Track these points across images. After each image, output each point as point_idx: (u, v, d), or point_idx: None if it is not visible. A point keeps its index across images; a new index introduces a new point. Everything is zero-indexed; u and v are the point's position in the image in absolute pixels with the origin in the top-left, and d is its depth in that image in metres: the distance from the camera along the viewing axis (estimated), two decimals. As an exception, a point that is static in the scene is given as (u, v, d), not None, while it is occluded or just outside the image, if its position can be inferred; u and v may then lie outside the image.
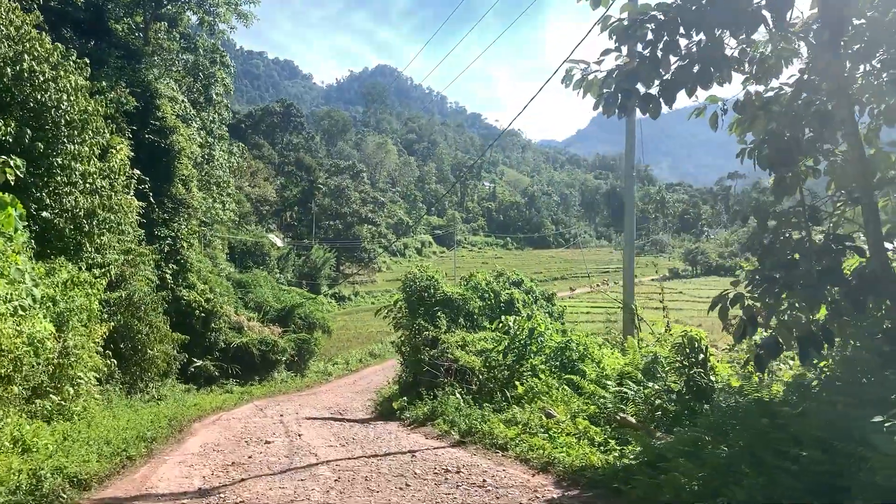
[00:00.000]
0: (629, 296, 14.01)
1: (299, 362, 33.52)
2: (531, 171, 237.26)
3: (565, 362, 12.14)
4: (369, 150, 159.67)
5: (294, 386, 31.03)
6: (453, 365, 15.26)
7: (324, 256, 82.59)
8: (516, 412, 10.58)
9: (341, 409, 21.33)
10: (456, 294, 18.10)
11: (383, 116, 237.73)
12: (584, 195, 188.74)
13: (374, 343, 50.11)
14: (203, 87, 36.88)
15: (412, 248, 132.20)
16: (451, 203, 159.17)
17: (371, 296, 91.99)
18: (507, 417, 10.89)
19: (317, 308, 36.76)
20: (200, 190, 36.87)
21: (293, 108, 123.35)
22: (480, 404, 13.17)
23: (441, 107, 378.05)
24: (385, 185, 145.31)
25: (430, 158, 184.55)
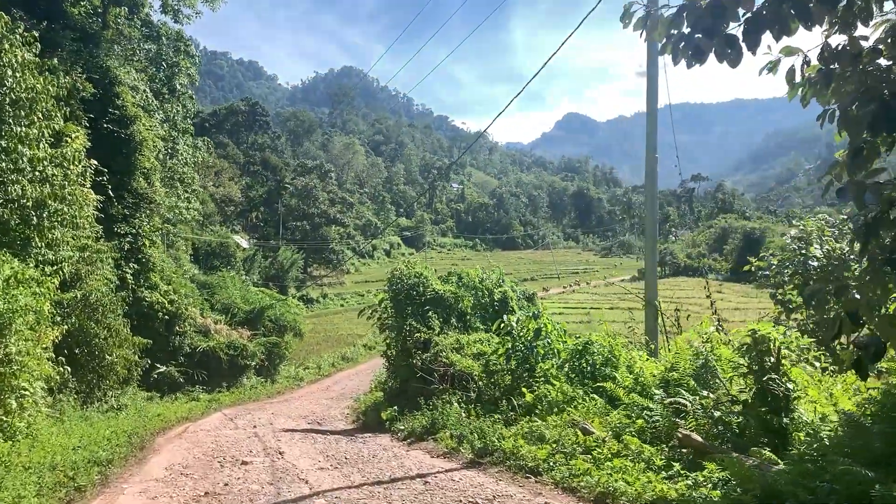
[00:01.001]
0: (652, 292, 12.69)
1: (269, 367, 31.73)
2: (498, 173, 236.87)
3: (585, 367, 10.71)
4: (336, 150, 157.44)
5: (265, 392, 29.29)
6: (449, 370, 13.78)
7: (291, 258, 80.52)
8: (538, 426, 9.11)
9: (319, 419, 19.74)
10: (447, 292, 16.62)
11: (350, 118, 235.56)
12: (551, 197, 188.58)
13: (345, 346, 48.50)
14: (166, 77, 34.89)
15: (381, 249, 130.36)
16: (420, 204, 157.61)
17: (340, 298, 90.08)
18: (524, 431, 9.46)
19: (287, 310, 34.97)
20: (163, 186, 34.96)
21: (259, 107, 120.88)
22: (484, 415, 11.73)
23: (407, 109, 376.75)
24: (353, 186, 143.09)
25: (398, 159, 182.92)
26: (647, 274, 13.28)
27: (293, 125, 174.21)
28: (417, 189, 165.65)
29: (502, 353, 13.33)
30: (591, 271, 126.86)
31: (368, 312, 17.74)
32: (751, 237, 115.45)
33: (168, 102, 35.38)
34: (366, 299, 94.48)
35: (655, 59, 13.29)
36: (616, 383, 9.39)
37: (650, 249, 13.35)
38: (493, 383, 13.18)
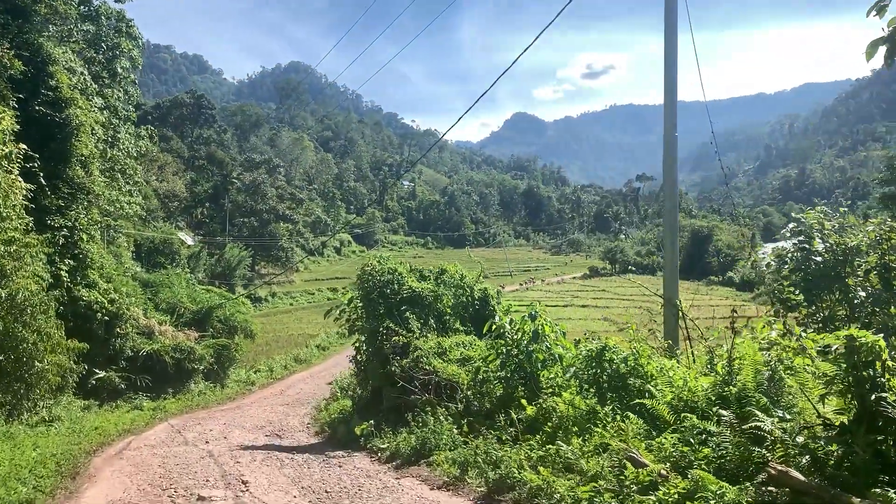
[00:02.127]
0: (672, 290, 11.36)
1: (219, 371, 29.62)
2: (449, 171, 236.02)
3: (603, 377, 9.18)
4: (284, 146, 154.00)
5: (214, 398, 27.22)
6: (432, 378, 12.21)
7: (238, 255, 77.77)
8: (564, 452, 7.56)
9: (277, 429, 17.96)
10: (426, 290, 15.02)
11: (298, 113, 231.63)
12: (502, 195, 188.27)
13: (297, 347, 46.54)
14: (106, 60, 32.40)
15: (331, 247, 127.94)
16: (371, 201, 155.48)
17: (289, 297, 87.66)
18: (540, 456, 7.97)
19: (238, 309, 32.83)
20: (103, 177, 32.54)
21: (204, 99, 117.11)
22: (479, 431, 10.21)
23: (356, 105, 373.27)
24: (302, 182, 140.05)
25: (349, 156, 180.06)
26: (666, 269, 11.94)
27: (240, 120, 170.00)
28: (368, 186, 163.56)
29: (493, 359, 11.83)
30: (542, 269, 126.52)
31: (336, 313, 16.04)
32: (699, 235, 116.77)
33: (108, 87, 32.91)
34: (316, 298, 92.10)
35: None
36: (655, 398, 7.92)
37: (669, 241, 12.01)
38: (482, 393, 11.68)
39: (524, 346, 11.26)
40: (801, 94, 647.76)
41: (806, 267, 15.47)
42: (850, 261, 15.18)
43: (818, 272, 15.38)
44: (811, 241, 15.36)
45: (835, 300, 15.58)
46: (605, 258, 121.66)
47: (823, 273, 15.33)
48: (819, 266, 15.32)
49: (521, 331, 11.46)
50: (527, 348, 11.21)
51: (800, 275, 15.65)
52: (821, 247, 15.26)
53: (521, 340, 11.37)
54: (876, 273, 15.02)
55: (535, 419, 9.98)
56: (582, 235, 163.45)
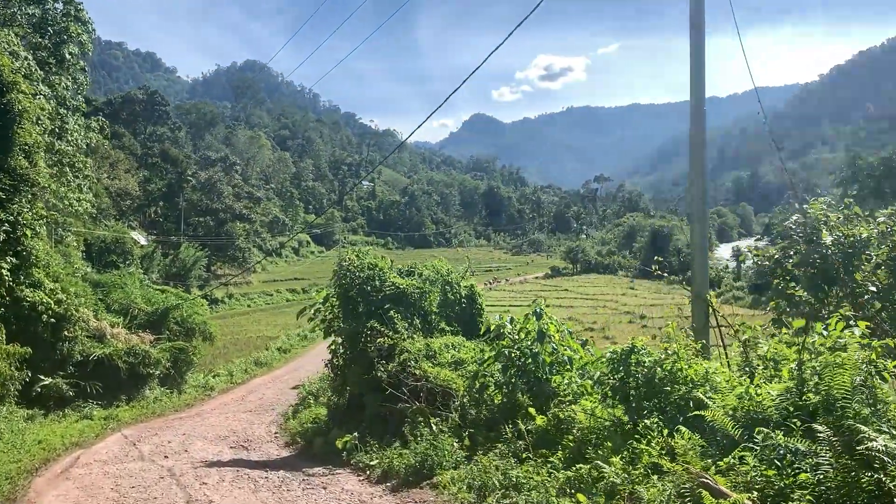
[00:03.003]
0: (702, 285, 10.28)
1: (176, 376, 27.83)
2: (408, 171, 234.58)
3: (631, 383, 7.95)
4: (241, 144, 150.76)
5: (171, 405, 25.49)
6: (424, 384, 10.94)
7: (194, 255, 75.38)
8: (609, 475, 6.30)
9: (243, 440, 16.49)
10: (411, 287, 13.73)
11: (254, 112, 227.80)
12: (462, 195, 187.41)
13: (256, 350, 44.81)
14: (53, 45, 30.35)
15: (289, 247, 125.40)
16: (330, 201, 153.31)
17: (247, 298, 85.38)
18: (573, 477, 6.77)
19: (195, 310, 31.04)
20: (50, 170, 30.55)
21: (157, 95, 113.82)
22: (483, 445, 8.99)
23: (314, 105, 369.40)
24: (258, 181, 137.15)
25: (306, 155, 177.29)
26: (695, 262, 10.85)
27: (194, 118, 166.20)
28: (327, 185, 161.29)
29: (490, 362, 10.61)
30: (504, 269, 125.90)
31: (310, 312, 14.62)
32: (659, 234, 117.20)
33: (56, 75, 30.87)
34: (274, 299, 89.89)
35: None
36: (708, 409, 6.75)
37: (699, 232, 10.93)
38: (480, 401, 10.45)
39: (528, 348, 10.06)
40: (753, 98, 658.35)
41: (813, 261, 14.59)
42: (858, 254, 14.34)
43: (826, 267, 14.52)
44: (819, 234, 14.47)
45: (841, 296, 14.75)
46: (567, 258, 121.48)
47: (831, 267, 14.48)
48: (827, 260, 14.45)
49: (523, 330, 10.25)
50: (531, 350, 10.01)
51: (807, 270, 14.78)
52: (829, 239, 14.38)
53: (524, 341, 10.17)
54: (886, 267, 14.23)
55: (546, 431, 8.80)
56: (542, 236, 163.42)
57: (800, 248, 15.02)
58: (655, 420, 6.92)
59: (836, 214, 15.11)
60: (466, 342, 13.12)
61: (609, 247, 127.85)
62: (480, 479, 7.79)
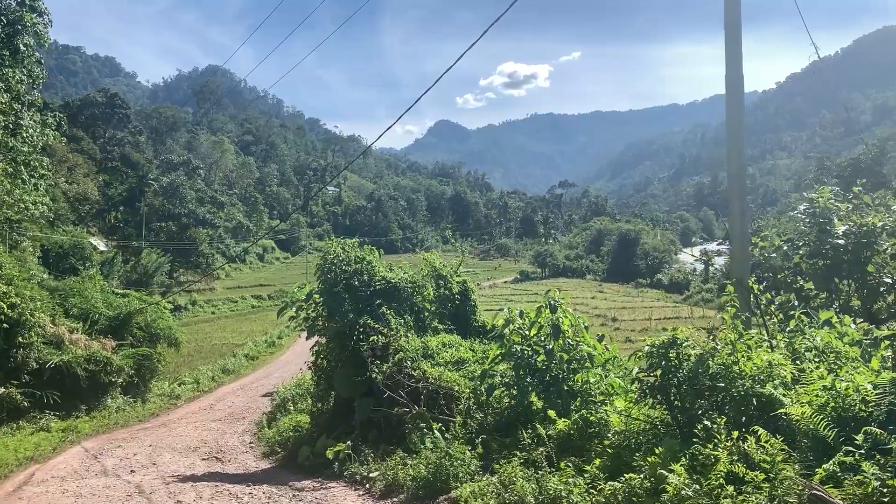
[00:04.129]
0: (743, 270, 9.40)
1: (139, 384, 26.33)
2: (374, 177, 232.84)
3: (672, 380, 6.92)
4: (204, 149, 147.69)
5: (135, 415, 24.04)
6: (423, 386, 9.88)
7: (156, 261, 73.18)
8: (680, 487, 5.25)
9: (215, 451, 15.26)
10: (404, 281, 12.65)
11: (217, 117, 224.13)
12: (429, 200, 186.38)
13: (222, 357, 43.40)
14: (6, 36, 28.69)
15: (253, 253, 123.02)
16: (295, 206, 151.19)
17: (211, 305, 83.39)
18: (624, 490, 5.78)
19: (161, 315, 29.54)
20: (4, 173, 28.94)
21: (118, 98, 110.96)
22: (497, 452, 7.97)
23: (278, 110, 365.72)
24: (222, 186, 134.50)
25: (271, 160, 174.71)
26: (734, 245, 9.96)
27: (156, 122, 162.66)
28: (292, 191, 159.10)
29: (498, 361, 9.59)
30: (472, 273, 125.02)
31: (291, 310, 13.43)
32: (626, 238, 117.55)
33: (9, 68, 29.19)
34: (239, 306, 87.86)
35: None
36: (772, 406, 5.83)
37: (739, 216, 10.03)
38: (486, 405, 9.43)
39: (541, 344, 9.05)
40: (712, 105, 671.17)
41: (826, 252, 13.85)
42: (870, 245, 13.63)
43: (837, 258, 13.79)
44: (831, 223, 13.74)
45: (853, 288, 14.05)
46: (535, 262, 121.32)
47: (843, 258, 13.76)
48: (838, 250, 13.72)
49: (535, 325, 9.25)
50: (544, 346, 9.01)
51: (817, 261, 14.03)
52: (842, 229, 13.64)
53: (538, 337, 9.17)
54: (901, 257, 13.56)
55: (569, 436, 7.80)
56: (509, 240, 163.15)
57: (808, 239, 14.27)
58: (719, 421, 5.95)
59: (844, 204, 14.40)
60: (462, 341, 12.10)
61: (577, 251, 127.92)
62: (509, 492, 6.75)
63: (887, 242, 13.70)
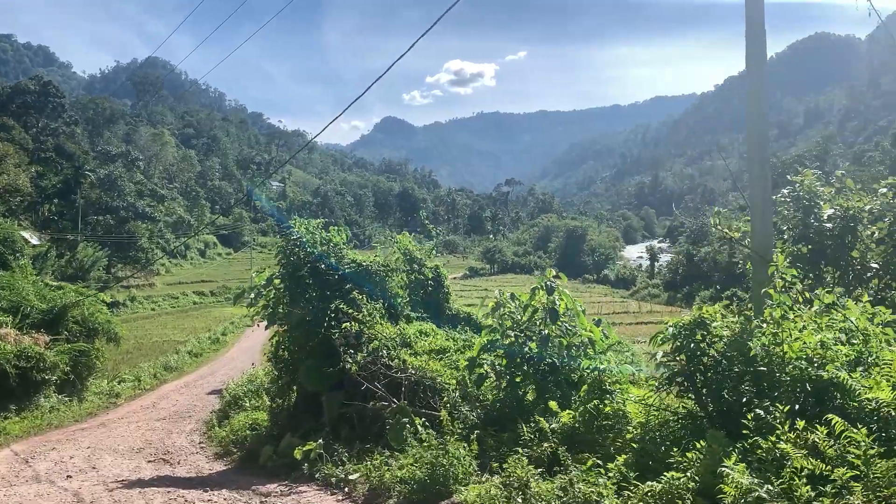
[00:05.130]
0: (765, 242, 8.67)
1: (76, 381, 24.59)
2: (319, 173, 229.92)
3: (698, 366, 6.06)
4: (143, 142, 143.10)
5: (71, 415, 22.39)
6: (404, 377, 8.91)
7: (93, 256, 70.27)
8: (749, 488, 4.38)
9: (163, 452, 14.00)
10: (375, 265, 11.62)
11: (156, 109, 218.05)
12: (377, 196, 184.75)
13: (164, 354, 41.56)
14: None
15: (194, 249, 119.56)
16: (238, 201, 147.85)
17: (151, 301, 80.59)
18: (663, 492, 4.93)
19: (100, 308, 27.78)
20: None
21: (52, 86, 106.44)
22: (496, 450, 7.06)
23: (219, 104, 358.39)
24: (162, 179, 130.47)
25: (213, 154, 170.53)
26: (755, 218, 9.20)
27: (92, 113, 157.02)
28: (235, 185, 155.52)
29: (487, 348, 8.69)
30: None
31: (250, 296, 12.23)
32: (574, 234, 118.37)
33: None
34: (181, 302, 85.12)
35: None
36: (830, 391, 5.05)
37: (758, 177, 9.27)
38: (474, 397, 8.52)
39: (537, 330, 8.18)
40: (652, 106, 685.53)
41: (811, 236, 13.33)
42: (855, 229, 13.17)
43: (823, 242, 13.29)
44: (818, 207, 13.23)
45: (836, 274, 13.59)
46: (484, 258, 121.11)
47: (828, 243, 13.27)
48: (825, 235, 13.22)
49: (530, 309, 8.36)
50: (540, 332, 8.13)
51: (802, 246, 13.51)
52: (829, 212, 13.13)
53: (531, 322, 8.28)
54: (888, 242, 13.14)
55: (575, 430, 6.94)
56: (457, 237, 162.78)
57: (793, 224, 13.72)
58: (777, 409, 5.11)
59: (828, 188, 13.90)
60: (438, 330, 11.17)
61: (525, 247, 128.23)
62: (524, 495, 5.81)
63: (873, 227, 13.27)
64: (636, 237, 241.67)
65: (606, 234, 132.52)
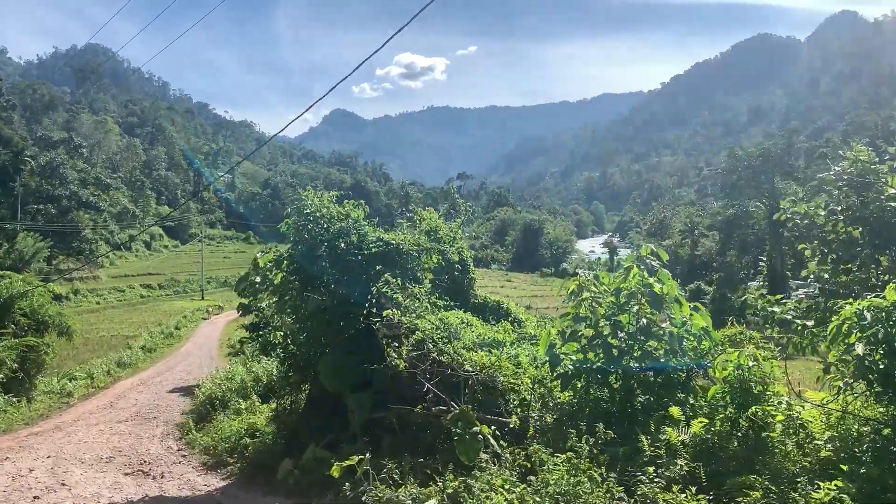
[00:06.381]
0: None
1: (24, 380, 22.30)
2: (268, 164, 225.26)
3: None
4: (85, 129, 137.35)
5: (20, 417, 20.18)
6: (464, 376, 7.32)
7: (34, 246, 66.50)
8: None
9: (138, 463, 12.18)
10: (407, 243, 9.94)
11: (98, 97, 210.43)
12: (328, 188, 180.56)
13: (113, 350, 39.27)
14: None
15: (140, 241, 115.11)
16: (185, 193, 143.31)
17: (96, 294, 77.00)
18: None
19: (49, 300, 25.43)
20: None
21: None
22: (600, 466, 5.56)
23: (163, 93, 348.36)
24: (105, 169, 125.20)
25: (158, 143, 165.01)
26: None
27: (30, 100, 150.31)
28: (182, 175, 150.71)
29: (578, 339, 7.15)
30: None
31: (255, 279, 10.35)
32: (531, 228, 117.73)
33: None
34: (127, 295, 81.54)
35: None
36: None
37: None
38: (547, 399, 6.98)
39: (634, 319, 6.68)
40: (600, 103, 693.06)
41: (868, 217, 12.17)
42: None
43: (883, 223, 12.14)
44: (880, 184, 12.06)
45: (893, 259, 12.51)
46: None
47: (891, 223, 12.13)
48: (886, 213, 12.06)
49: (624, 292, 6.86)
50: (639, 321, 6.64)
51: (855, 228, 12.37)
52: (893, 191, 11.97)
53: (629, 309, 6.78)
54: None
55: (710, 443, 5.47)
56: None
57: (849, 203, 12.52)
58: None
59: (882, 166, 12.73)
60: (476, 319, 9.61)
61: (481, 241, 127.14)
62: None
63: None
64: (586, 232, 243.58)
65: (563, 228, 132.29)
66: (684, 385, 6.58)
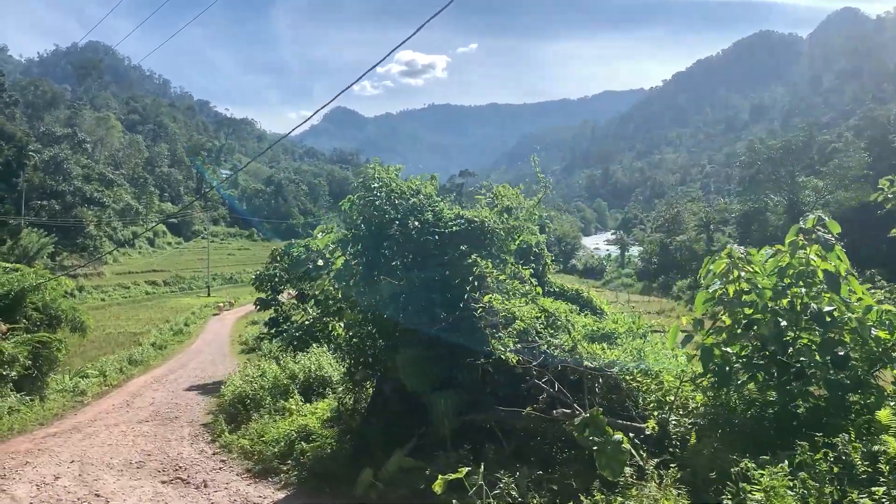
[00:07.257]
0: None
1: (37, 377, 21.16)
2: (270, 162, 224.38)
3: None
4: (87, 126, 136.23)
5: (34, 417, 19.01)
6: (589, 374, 6.16)
7: (38, 242, 65.39)
8: None
9: (173, 468, 11.12)
10: (495, 222, 8.74)
11: (100, 94, 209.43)
12: (331, 185, 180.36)
13: (121, 347, 38.34)
14: None
15: (143, 238, 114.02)
16: (188, 190, 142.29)
17: (101, 291, 76.05)
18: None
19: (62, 294, 24.31)
20: None
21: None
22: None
23: (164, 91, 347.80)
24: (108, 165, 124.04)
25: (161, 140, 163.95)
26: None
27: (32, 96, 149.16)
28: (184, 172, 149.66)
29: (739, 328, 5.98)
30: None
31: (308, 265, 9.09)
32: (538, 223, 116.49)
33: None
34: (132, 292, 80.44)
35: None
36: None
37: None
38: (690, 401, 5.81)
39: (804, 304, 5.51)
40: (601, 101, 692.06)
41: None
42: None
43: None
44: None
45: None
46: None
47: None
48: None
49: (787, 273, 5.69)
50: (810, 306, 5.47)
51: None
52: None
53: (796, 291, 5.60)
54: None
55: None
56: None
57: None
58: None
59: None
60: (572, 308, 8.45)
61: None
62: None
63: None
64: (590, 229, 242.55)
65: (569, 224, 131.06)
66: (863, 383, 5.44)
